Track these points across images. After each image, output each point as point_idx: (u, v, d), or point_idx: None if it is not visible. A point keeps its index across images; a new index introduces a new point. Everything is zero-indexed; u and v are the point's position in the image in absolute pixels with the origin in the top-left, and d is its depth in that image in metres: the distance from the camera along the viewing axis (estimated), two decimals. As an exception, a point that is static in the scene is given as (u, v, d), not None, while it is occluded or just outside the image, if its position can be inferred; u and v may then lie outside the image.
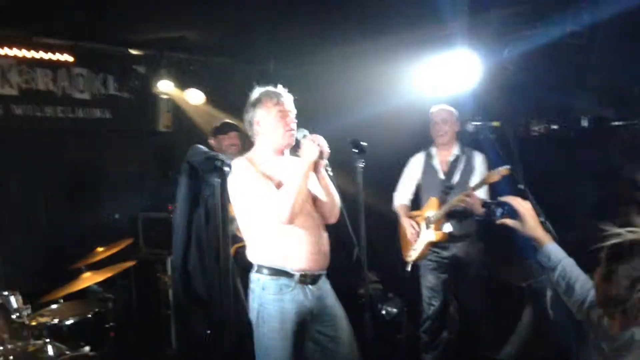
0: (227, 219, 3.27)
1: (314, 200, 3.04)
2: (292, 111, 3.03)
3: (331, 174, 2.98)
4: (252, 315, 2.94)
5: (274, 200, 2.82)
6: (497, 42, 4.66)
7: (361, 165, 2.92)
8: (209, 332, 4.51)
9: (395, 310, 5.03)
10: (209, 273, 3.60)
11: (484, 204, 2.25)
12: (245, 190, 2.92)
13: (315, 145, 2.85)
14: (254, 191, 2.89)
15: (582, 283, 2.03)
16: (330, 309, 2.99)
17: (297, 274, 2.89)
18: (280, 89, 3.06)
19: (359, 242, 2.88)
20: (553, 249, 2.13)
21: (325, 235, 3.03)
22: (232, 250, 3.77)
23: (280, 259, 2.89)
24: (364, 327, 2.94)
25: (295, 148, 3.00)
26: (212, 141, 4.57)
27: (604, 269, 1.78)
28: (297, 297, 2.89)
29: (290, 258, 2.89)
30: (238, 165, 2.95)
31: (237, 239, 4.21)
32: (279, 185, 2.88)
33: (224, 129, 4.56)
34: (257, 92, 3.08)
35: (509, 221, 2.17)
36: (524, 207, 2.17)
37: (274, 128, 2.99)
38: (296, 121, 3.03)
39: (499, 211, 2.18)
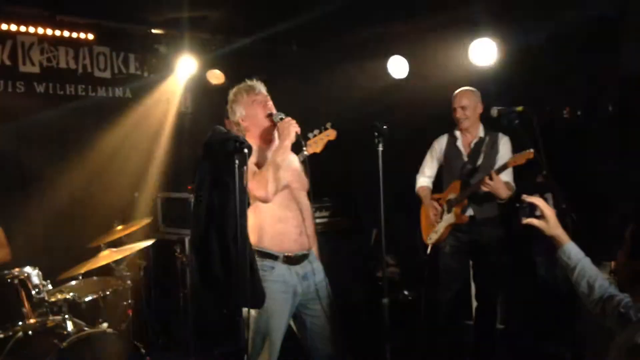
0: (245, 200, 3.26)
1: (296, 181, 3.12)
2: (265, 96, 3.12)
3: (307, 153, 3.12)
4: None
5: (256, 179, 2.92)
6: (522, 25, 4.57)
7: (381, 147, 2.90)
8: (225, 311, 4.54)
9: (413, 293, 5.00)
10: (227, 253, 3.60)
11: (517, 204, 2.35)
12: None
13: (292, 126, 2.94)
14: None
15: (601, 282, 2.13)
16: (314, 287, 3.07)
17: (281, 255, 2.99)
18: (252, 81, 3.16)
19: (379, 225, 2.85)
20: (573, 249, 2.22)
21: (310, 215, 3.13)
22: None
23: (265, 241, 2.99)
24: (382, 310, 2.92)
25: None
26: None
27: (629, 247, 1.94)
28: (281, 277, 2.99)
29: (273, 240, 2.99)
30: None
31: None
32: None
33: None
34: (230, 93, 3.17)
35: (535, 221, 2.26)
36: (548, 207, 2.28)
37: (256, 119, 3.07)
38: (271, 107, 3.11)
39: (525, 211, 2.29)
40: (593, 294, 2.13)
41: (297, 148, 4.13)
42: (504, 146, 4.08)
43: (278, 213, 2.99)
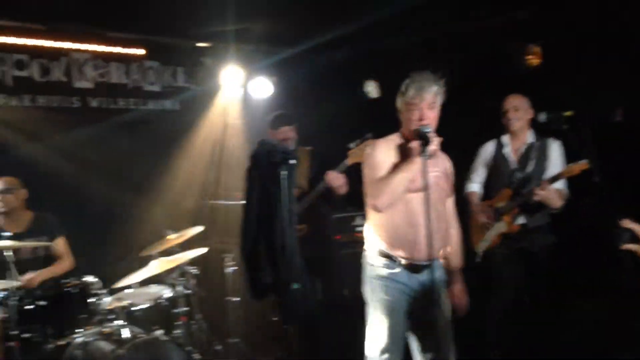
0: (293, 210, 3.30)
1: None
2: (426, 105, 2.96)
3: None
4: (364, 287, 3.14)
5: (374, 184, 2.94)
6: (568, 27, 4.49)
7: (426, 155, 2.86)
8: (275, 319, 4.61)
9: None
10: (276, 263, 3.65)
11: (615, 229, 2.36)
12: (366, 167, 3.06)
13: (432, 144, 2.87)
14: (369, 170, 3.01)
15: None
16: (430, 300, 3.03)
17: (401, 261, 3.00)
18: (427, 78, 3.00)
19: (427, 231, 2.83)
20: None
21: (438, 225, 3.00)
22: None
23: (386, 242, 3.02)
24: (432, 319, 2.92)
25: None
26: (269, 132, 4.61)
27: None
28: (401, 279, 3.01)
29: (393, 244, 3.01)
30: (376, 143, 3.12)
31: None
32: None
33: (274, 123, 4.56)
34: (409, 78, 3.05)
35: (632, 246, 2.31)
36: None
37: (406, 119, 3.02)
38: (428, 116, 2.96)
39: (625, 236, 2.32)
40: None
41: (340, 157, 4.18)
42: (555, 152, 4.00)
43: (401, 217, 2.96)
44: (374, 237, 3.08)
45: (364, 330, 3.26)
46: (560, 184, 3.88)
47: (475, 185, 4.32)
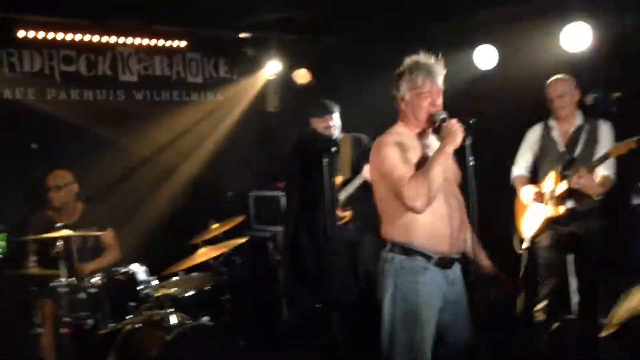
0: (334, 199, 3.32)
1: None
2: (436, 90, 2.81)
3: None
4: (384, 294, 2.84)
5: (408, 184, 2.66)
6: (617, 7, 4.34)
7: (469, 141, 2.79)
8: (318, 305, 4.65)
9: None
10: (318, 250, 3.69)
11: None
12: (384, 168, 2.79)
13: (459, 130, 2.66)
14: (393, 171, 2.74)
15: None
16: (457, 296, 2.89)
17: (435, 256, 2.78)
18: (432, 62, 2.82)
19: (471, 219, 2.78)
20: None
21: (465, 216, 2.86)
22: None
23: (417, 239, 2.77)
24: (475, 307, 2.89)
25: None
26: (311, 120, 4.62)
27: None
28: (434, 280, 2.79)
29: (426, 240, 2.77)
30: (383, 140, 2.83)
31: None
32: (417, 167, 2.73)
33: (318, 111, 4.55)
34: (405, 63, 2.86)
35: None
36: None
37: (414, 107, 2.83)
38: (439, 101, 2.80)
39: None
40: None
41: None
42: (605, 134, 3.85)
43: (436, 210, 2.74)
44: (400, 236, 2.80)
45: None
46: (608, 169, 3.76)
47: (521, 170, 4.21)
